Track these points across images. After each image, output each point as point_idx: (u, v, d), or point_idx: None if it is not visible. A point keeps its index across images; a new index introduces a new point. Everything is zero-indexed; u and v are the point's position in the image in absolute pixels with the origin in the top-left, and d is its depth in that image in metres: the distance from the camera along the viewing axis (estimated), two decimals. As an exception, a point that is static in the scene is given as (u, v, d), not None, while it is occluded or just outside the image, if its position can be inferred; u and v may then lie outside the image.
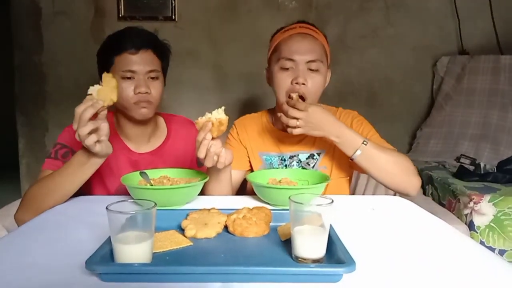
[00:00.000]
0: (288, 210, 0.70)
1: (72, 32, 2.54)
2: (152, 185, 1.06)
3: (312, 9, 2.58)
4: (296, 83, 1.18)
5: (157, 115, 1.33)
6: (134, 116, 1.21)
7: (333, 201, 0.67)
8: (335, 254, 0.68)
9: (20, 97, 2.61)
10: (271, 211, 0.86)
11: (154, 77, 1.21)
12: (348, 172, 1.32)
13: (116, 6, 2.51)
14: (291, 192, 0.89)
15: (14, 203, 1.33)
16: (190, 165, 1.30)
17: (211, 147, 0.99)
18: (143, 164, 1.26)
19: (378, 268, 0.67)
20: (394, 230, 0.88)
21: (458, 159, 2.23)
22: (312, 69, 1.19)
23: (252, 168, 1.35)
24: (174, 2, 2.52)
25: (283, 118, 1.12)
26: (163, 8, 2.52)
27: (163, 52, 1.26)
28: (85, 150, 1.00)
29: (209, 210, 0.87)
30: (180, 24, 2.56)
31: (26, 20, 2.54)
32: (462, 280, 0.64)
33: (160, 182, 1.08)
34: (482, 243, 1.68)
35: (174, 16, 2.54)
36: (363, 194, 1.76)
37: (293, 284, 0.61)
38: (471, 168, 2.01)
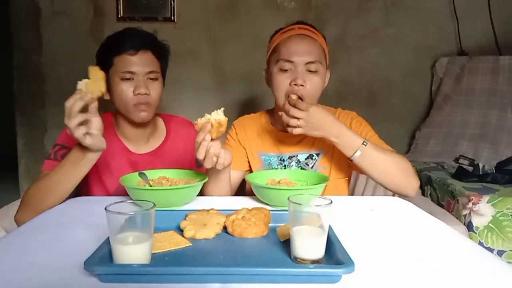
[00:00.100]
0: (287, 210, 0.70)
1: (71, 32, 2.54)
2: (151, 185, 1.06)
3: (312, 9, 2.59)
4: (294, 84, 1.18)
5: (156, 115, 1.33)
6: (134, 119, 1.22)
7: (332, 201, 0.67)
8: (334, 255, 0.68)
9: (19, 97, 2.61)
10: (270, 212, 0.86)
11: (153, 78, 1.21)
12: (347, 172, 1.32)
13: (115, 6, 2.52)
14: (290, 192, 0.90)
15: (13, 204, 1.33)
16: (189, 165, 1.31)
17: (210, 148, 0.99)
18: (142, 164, 1.26)
19: (377, 269, 0.67)
20: (393, 231, 0.88)
21: (457, 160, 2.23)
22: (311, 70, 1.19)
23: (251, 169, 1.35)
24: (173, 3, 2.52)
25: (284, 117, 1.12)
26: (162, 8, 2.52)
27: (162, 53, 1.26)
28: (79, 146, 1.00)
29: (208, 210, 0.87)
30: (180, 24, 2.56)
31: (26, 20, 2.54)
32: (460, 280, 0.64)
33: (159, 183, 1.08)
34: (480, 243, 1.68)
35: (173, 17, 2.54)
36: (362, 195, 1.77)
37: (292, 285, 0.61)
38: (470, 168, 2.01)
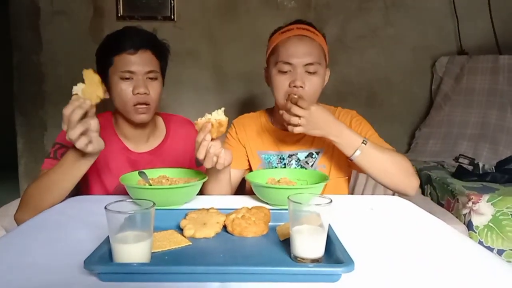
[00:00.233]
0: (287, 210, 0.70)
1: (71, 31, 2.54)
2: (151, 184, 1.06)
3: (311, 9, 2.58)
4: (294, 86, 1.18)
5: (155, 114, 1.33)
6: (133, 120, 1.22)
7: (332, 200, 0.67)
8: (333, 254, 0.68)
9: (19, 97, 2.60)
10: (270, 211, 0.86)
11: (153, 77, 1.21)
12: (347, 171, 1.32)
13: (115, 5, 2.51)
14: (290, 192, 0.89)
15: (13, 203, 1.33)
16: (189, 164, 1.31)
17: (211, 148, 0.99)
18: (141, 163, 1.26)
19: (377, 268, 0.67)
20: (392, 230, 0.88)
21: (456, 159, 2.23)
22: (310, 71, 1.19)
23: (250, 167, 1.35)
24: (173, 2, 2.52)
25: (285, 116, 1.12)
26: (162, 8, 2.52)
27: (162, 52, 1.26)
28: None
29: (208, 210, 0.87)
30: (179, 24, 2.56)
31: (25, 20, 2.53)
32: (460, 280, 0.64)
33: (159, 182, 1.08)
34: (480, 243, 1.68)
35: (173, 16, 2.54)
36: (362, 194, 1.77)
37: (291, 284, 0.61)
38: (470, 168, 2.01)
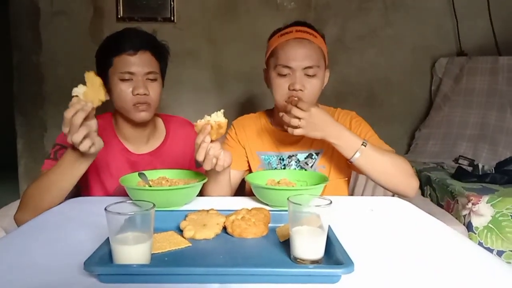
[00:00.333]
0: (286, 211, 0.70)
1: (71, 32, 2.54)
2: (150, 186, 1.06)
3: (311, 9, 2.59)
4: (293, 89, 1.18)
5: (155, 116, 1.33)
6: (133, 119, 1.22)
7: (331, 202, 0.68)
8: (333, 255, 0.68)
9: (18, 97, 2.60)
10: (270, 212, 0.86)
11: (153, 78, 1.21)
12: (347, 172, 1.33)
13: (115, 6, 2.51)
14: (290, 193, 0.90)
15: (13, 204, 1.33)
16: (188, 166, 1.31)
17: (210, 150, 0.99)
18: (141, 165, 1.26)
19: (377, 269, 0.67)
20: (392, 231, 0.88)
21: (456, 160, 2.23)
22: (309, 74, 1.19)
23: (250, 168, 1.35)
24: (173, 3, 2.52)
25: (285, 118, 1.12)
26: (162, 9, 2.52)
27: (161, 53, 1.26)
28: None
29: (207, 211, 0.87)
30: (179, 25, 2.56)
31: (25, 20, 2.53)
32: (460, 281, 0.64)
33: (159, 183, 1.08)
34: (480, 244, 1.68)
35: (173, 17, 2.54)
36: (361, 195, 1.76)
37: (291, 285, 0.61)
38: (469, 169, 2.01)
